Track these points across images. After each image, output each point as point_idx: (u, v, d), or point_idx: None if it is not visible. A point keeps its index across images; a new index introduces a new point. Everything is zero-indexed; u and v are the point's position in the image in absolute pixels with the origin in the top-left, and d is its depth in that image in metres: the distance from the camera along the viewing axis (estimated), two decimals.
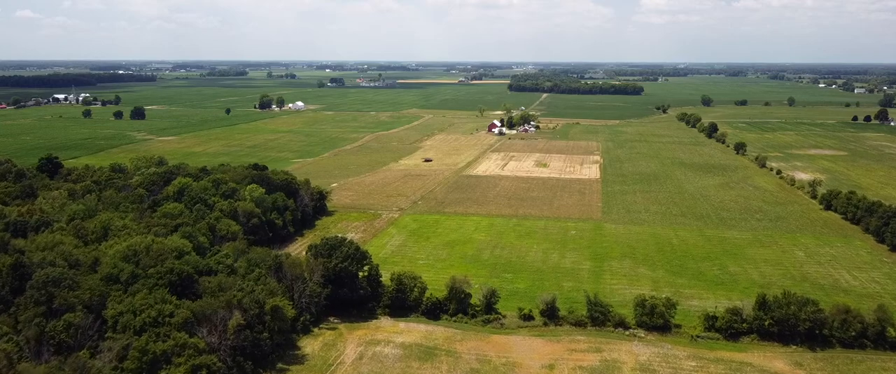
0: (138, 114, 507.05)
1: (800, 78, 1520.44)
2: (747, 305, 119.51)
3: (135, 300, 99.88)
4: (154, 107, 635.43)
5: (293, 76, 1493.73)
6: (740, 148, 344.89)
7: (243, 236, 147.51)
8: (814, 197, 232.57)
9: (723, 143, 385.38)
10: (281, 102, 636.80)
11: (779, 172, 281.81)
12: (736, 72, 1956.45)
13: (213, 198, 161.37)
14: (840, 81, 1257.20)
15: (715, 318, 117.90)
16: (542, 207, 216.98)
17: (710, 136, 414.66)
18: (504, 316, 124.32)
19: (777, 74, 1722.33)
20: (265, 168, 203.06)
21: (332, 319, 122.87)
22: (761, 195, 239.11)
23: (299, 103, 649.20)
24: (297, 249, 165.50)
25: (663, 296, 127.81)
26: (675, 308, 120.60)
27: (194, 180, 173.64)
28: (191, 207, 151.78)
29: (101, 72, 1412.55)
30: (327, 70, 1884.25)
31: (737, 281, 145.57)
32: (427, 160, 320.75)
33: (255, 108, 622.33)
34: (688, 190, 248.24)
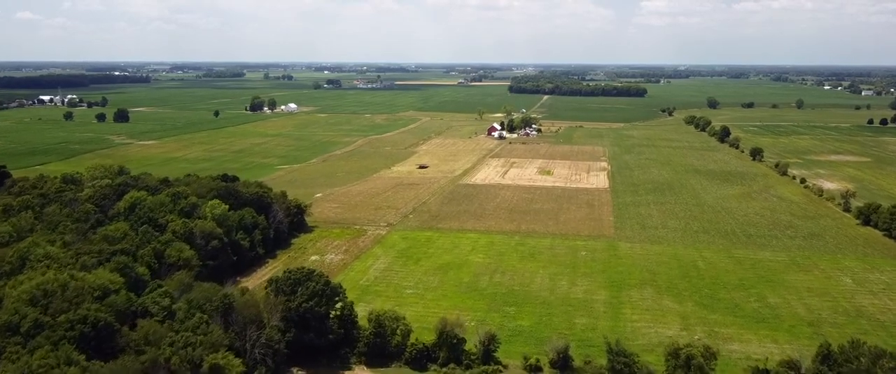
0: (122, 116, 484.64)
1: (803, 80, 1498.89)
2: (806, 355, 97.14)
3: (32, 361, 77.63)
4: (142, 108, 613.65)
5: (290, 78, 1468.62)
6: (757, 154, 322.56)
7: (199, 262, 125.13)
8: (847, 210, 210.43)
9: (737, 148, 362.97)
10: (272, 104, 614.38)
11: (803, 180, 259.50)
12: (738, 74, 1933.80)
13: (167, 216, 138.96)
14: (845, 83, 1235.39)
15: (766, 372, 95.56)
16: (548, 221, 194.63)
17: (722, 140, 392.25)
18: (505, 366, 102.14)
19: (780, 75, 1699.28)
20: (235, 179, 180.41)
21: (295, 370, 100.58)
22: (788, 208, 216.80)
23: (292, 105, 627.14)
24: (266, 275, 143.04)
25: (698, 339, 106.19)
26: (716, 359, 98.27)
27: (150, 194, 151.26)
28: (137, 228, 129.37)
29: (97, 73, 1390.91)
30: (325, 71, 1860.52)
31: (780, 317, 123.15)
32: (422, 167, 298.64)
33: (246, 110, 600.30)
34: (706, 201, 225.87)
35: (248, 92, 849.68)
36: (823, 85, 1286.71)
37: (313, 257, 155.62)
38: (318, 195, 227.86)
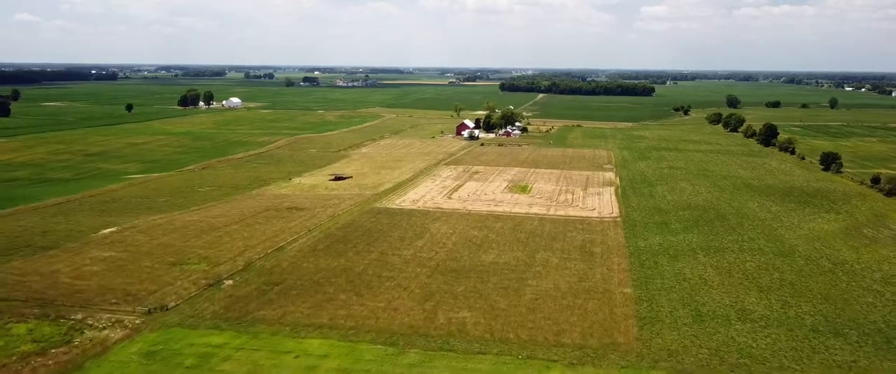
0: (1, 110, 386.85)
1: (818, 83, 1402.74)
2: None
3: None
4: (56, 103, 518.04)
5: (271, 76, 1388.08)
6: (830, 162, 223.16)
7: None
8: None
9: (791, 153, 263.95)
10: (209, 99, 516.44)
11: None
12: (744, 78, 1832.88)
13: None
14: (867, 86, 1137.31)
15: None
16: (498, 300, 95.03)
17: (766, 143, 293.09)
18: None
19: (792, 78, 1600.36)
20: None
21: None
22: None
23: (234, 100, 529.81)
24: None
25: None
26: None
27: None
28: None
29: (68, 71, 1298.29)
30: (316, 73, 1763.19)
31: None
32: (338, 178, 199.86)
33: (176, 105, 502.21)
34: (795, 246, 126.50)
35: (212, 89, 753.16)
36: (843, 86, 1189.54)
37: None
38: (105, 231, 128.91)
